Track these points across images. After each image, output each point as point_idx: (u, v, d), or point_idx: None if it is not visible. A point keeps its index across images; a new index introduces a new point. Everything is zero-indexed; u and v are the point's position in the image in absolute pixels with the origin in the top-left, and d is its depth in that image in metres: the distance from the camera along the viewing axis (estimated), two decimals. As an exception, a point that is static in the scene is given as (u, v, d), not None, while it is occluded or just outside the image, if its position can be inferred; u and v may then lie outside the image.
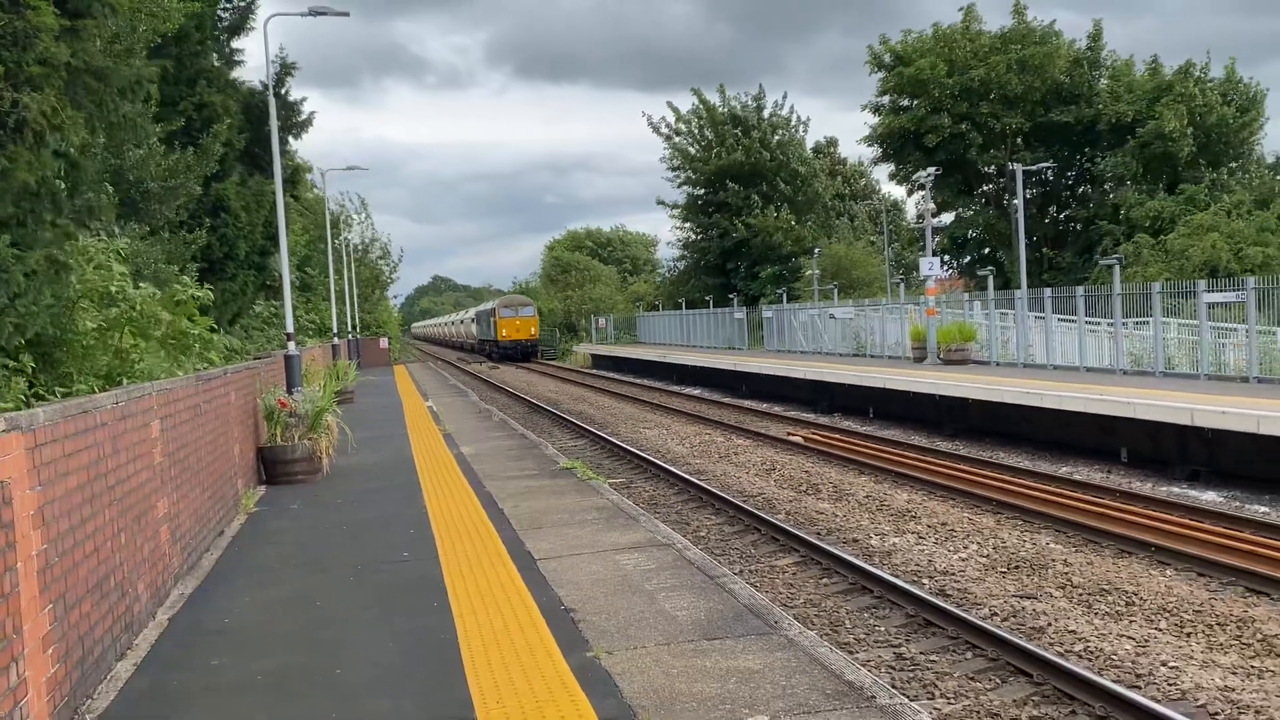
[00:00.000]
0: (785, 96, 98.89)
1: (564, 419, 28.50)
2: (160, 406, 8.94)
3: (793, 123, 65.81)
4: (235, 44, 25.79)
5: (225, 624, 8.06)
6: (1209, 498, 14.96)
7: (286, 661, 7.04)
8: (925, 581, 11.08)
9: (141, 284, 12.48)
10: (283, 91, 28.67)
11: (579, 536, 10.49)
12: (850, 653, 8.73)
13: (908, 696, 7.50)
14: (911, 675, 8.37)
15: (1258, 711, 7.39)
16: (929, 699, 7.86)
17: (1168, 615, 9.60)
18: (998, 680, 8.18)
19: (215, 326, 17.59)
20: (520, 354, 69.71)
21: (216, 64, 23.62)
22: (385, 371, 50.66)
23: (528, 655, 6.83)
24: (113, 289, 10.79)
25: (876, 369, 28.61)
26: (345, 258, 57.57)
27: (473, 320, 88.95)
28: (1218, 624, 9.28)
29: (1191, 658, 8.52)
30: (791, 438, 22.71)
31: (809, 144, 68.80)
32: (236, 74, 26.57)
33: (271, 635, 7.70)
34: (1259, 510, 13.99)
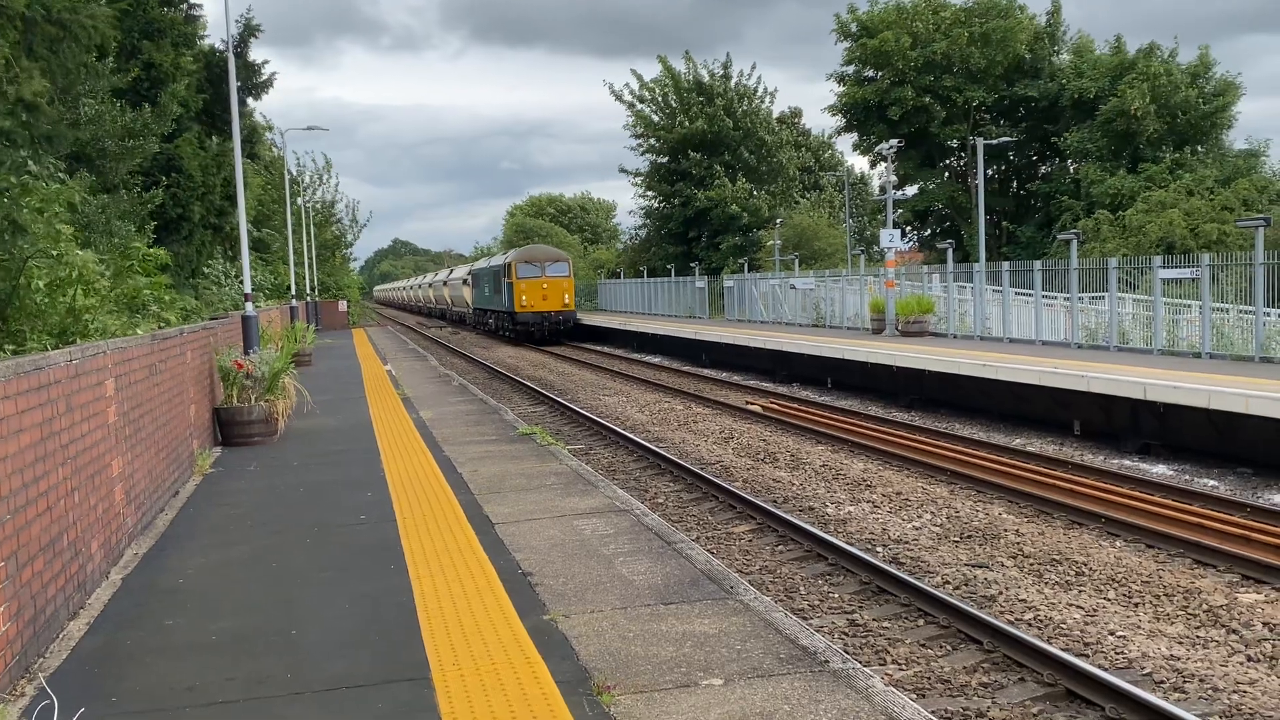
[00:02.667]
0: (754, 67, 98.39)
1: (524, 385, 28.46)
2: (115, 365, 8.85)
3: (759, 92, 65.73)
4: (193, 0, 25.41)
5: (180, 584, 8.02)
6: (1159, 471, 15.18)
7: (241, 622, 7.02)
8: (879, 549, 11.19)
9: (90, 244, 12.31)
10: (244, 52, 28.36)
11: (537, 501, 10.51)
12: (805, 618, 8.82)
13: (860, 662, 7.59)
14: (864, 641, 8.47)
15: (1202, 680, 7.54)
16: (881, 664, 7.96)
17: (1116, 585, 9.76)
18: (949, 647, 8.30)
19: (172, 286, 17.41)
20: (548, 332, 47.24)
21: (171, 17, 23.27)
22: (344, 335, 50.35)
23: (484, 618, 6.85)
24: (54, 252, 10.62)
25: (835, 339, 28.75)
26: (304, 219, 57.02)
27: (463, 282, 66.67)
28: (1165, 594, 9.45)
29: (1139, 627, 8.67)
30: (750, 406, 22.82)
31: (774, 114, 68.70)
32: (202, 34, 26.24)
33: (227, 596, 7.67)
34: (1208, 484, 14.23)
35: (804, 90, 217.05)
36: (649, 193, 69.48)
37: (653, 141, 66.49)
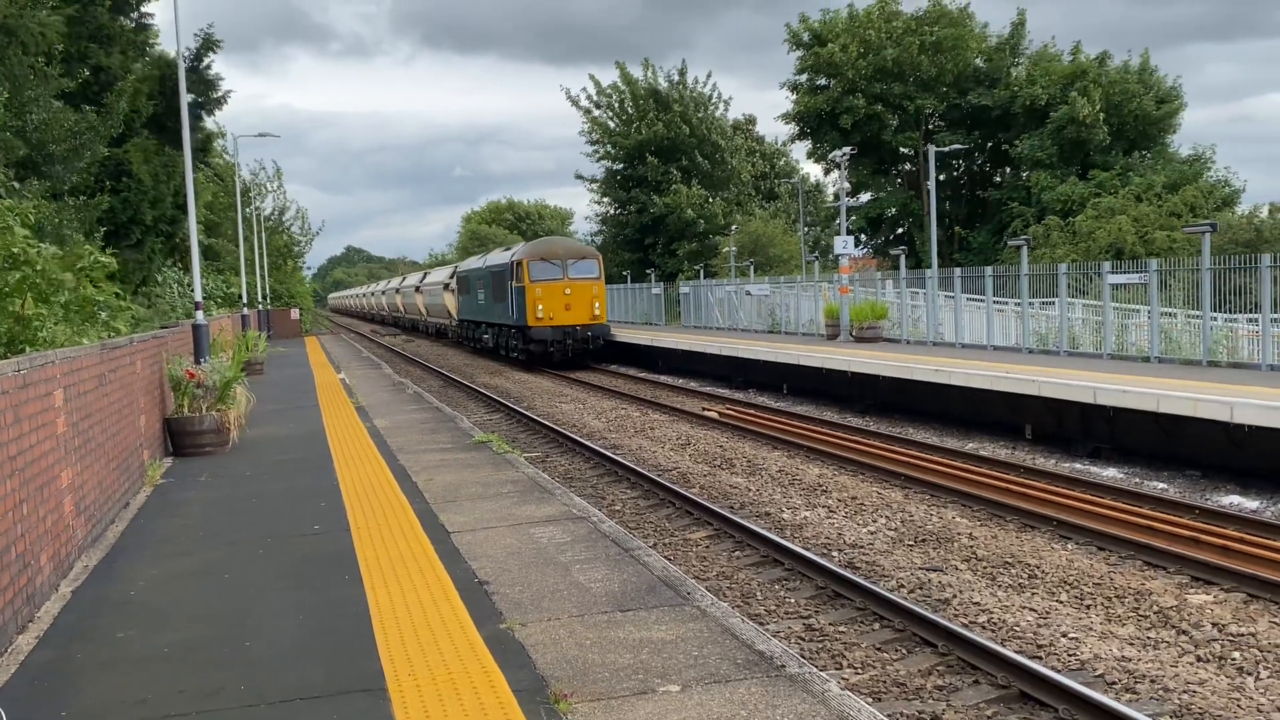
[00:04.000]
0: (709, 75, 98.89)
1: (479, 393, 28.36)
2: (64, 375, 8.72)
3: (713, 99, 66.02)
4: (145, 8, 25.17)
5: (131, 596, 7.92)
6: (1110, 474, 15.37)
7: (194, 634, 6.93)
8: (835, 554, 11.25)
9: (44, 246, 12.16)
10: (202, 65, 28.18)
11: (493, 510, 10.47)
12: (761, 624, 8.84)
13: (817, 666, 7.62)
14: (821, 646, 8.51)
15: (1153, 680, 7.64)
16: (837, 669, 8.00)
17: (1068, 588, 9.86)
18: (904, 651, 8.35)
19: (121, 294, 17.20)
20: (571, 353, 36.11)
21: (120, 23, 23.03)
22: (296, 343, 49.93)
23: (440, 627, 6.81)
24: (15, 250, 10.47)
25: (791, 345, 28.88)
26: (256, 226, 56.52)
27: (445, 287, 53.72)
28: (1116, 596, 9.56)
29: (1091, 629, 8.77)
30: (707, 413, 22.86)
31: (729, 121, 69.02)
32: (155, 43, 26.01)
33: (179, 607, 7.58)
34: (1157, 486, 14.42)
35: (754, 98, 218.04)
36: (605, 199, 69.57)
37: (609, 148, 66.57)
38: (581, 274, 36.52)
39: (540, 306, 35.53)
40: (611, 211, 69.52)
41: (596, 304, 36.25)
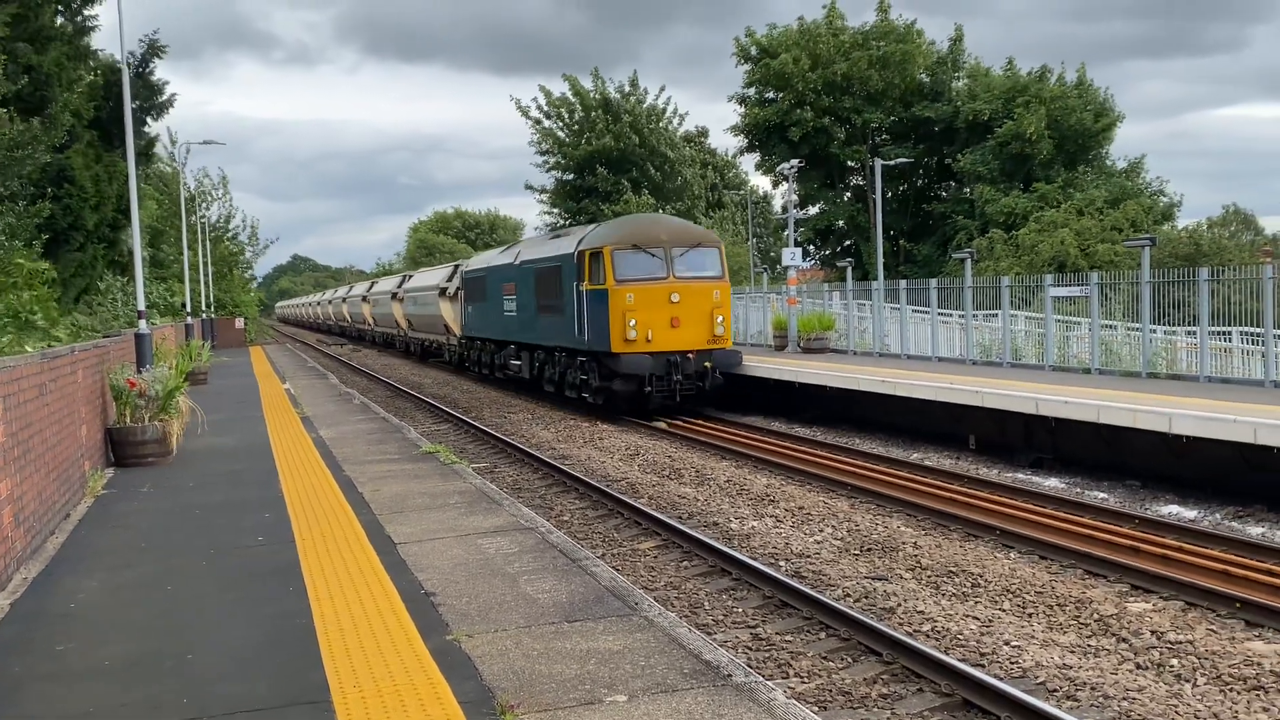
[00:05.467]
0: (662, 89, 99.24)
1: (428, 403, 28.21)
2: (3, 385, 8.59)
3: (667, 113, 66.22)
4: (88, 11, 24.87)
5: (71, 609, 7.80)
6: (1051, 484, 15.58)
7: (136, 647, 6.84)
8: (782, 564, 11.31)
9: None
10: (148, 71, 27.90)
11: (441, 520, 10.42)
12: (709, 633, 8.87)
13: (763, 675, 7.66)
14: (767, 655, 8.55)
15: (1093, 688, 7.75)
16: (784, 678, 8.04)
17: (1011, 596, 9.99)
18: (849, 659, 8.42)
19: (60, 302, 16.95)
20: (678, 394, 23.42)
21: (62, 27, 22.73)
22: (241, 353, 49.41)
23: (386, 639, 6.77)
24: None
25: (739, 356, 28.94)
26: (201, 234, 55.88)
27: (440, 292, 39.58)
28: (1058, 605, 9.69)
29: (1033, 637, 8.88)
30: (655, 423, 22.88)
31: (680, 133, 69.23)
32: (99, 47, 25.72)
33: (120, 620, 7.48)
34: (1098, 496, 14.64)
35: (701, 110, 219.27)
36: (555, 209, 69.46)
37: (559, 158, 66.49)
38: (696, 270, 23.90)
39: (633, 322, 22.97)
40: (562, 222, 69.42)
41: (720, 317, 23.75)
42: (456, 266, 40.39)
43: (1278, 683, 7.74)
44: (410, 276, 52.73)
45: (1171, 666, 8.14)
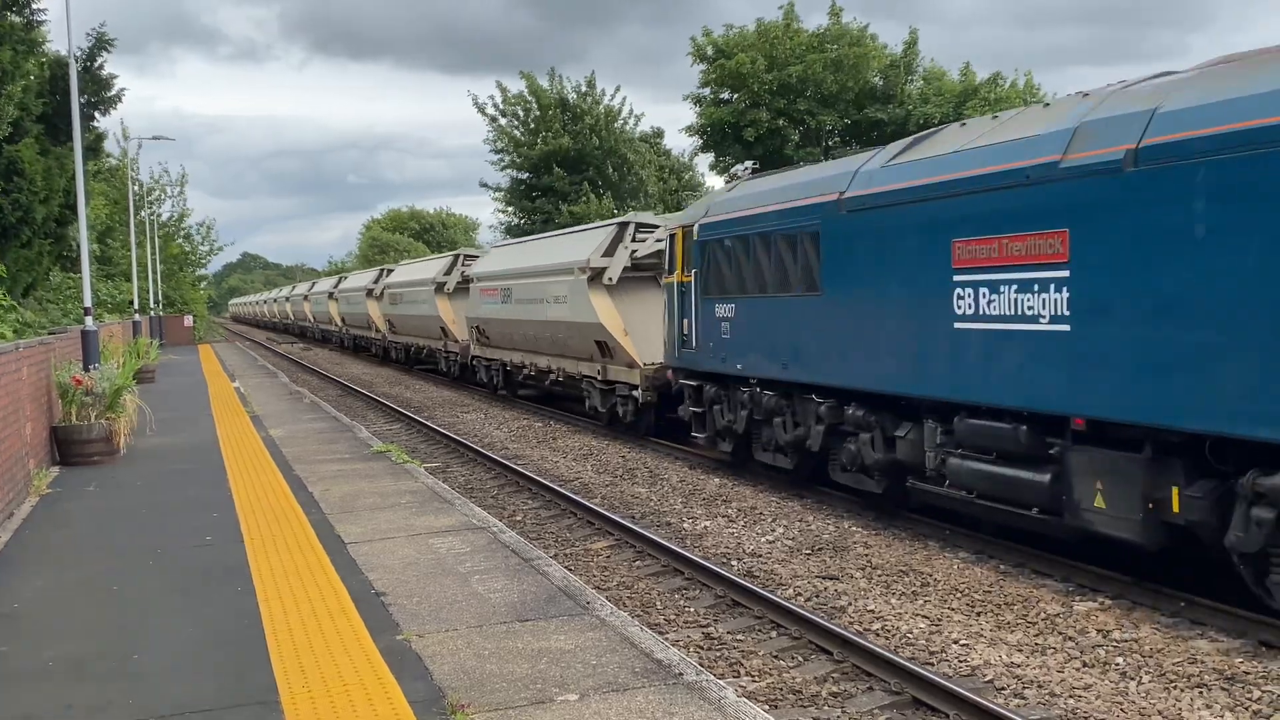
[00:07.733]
0: (618, 89, 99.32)
1: (379, 402, 28.02)
2: (-57, 381, 8.44)
3: (624, 114, 66.25)
4: (36, 4, 24.45)
5: (14, 609, 7.68)
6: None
7: (80, 648, 6.75)
8: (734, 563, 11.34)
9: None
10: (95, 65, 27.52)
11: (392, 520, 10.37)
12: (661, 633, 8.88)
13: (714, 674, 7.68)
14: (719, 654, 8.58)
15: (1040, 686, 7.84)
16: (735, 676, 8.07)
17: (960, 596, 10.07)
18: (800, 658, 8.46)
19: (6, 297, 16.69)
20: None
21: (12, 23, 22.37)
22: (189, 351, 48.90)
23: (335, 639, 6.73)
24: None
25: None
26: (150, 231, 55.20)
27: (438, 285, 33.67)
28: (1005, 604, 9.79)
29: (981, 636, 8.97)
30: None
31: (638, 134, 69.28)
32: (47, 41, 25.33)
33: (65, 620, 7.38)
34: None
35: (652, 110, 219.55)
36: (510, 208, 69.21)
37: (515, 157, 66.29)
38: None
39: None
40: (517, 221, 69.17)
41: None
42: (457, 257, 35.59)
43: (1219, 680, 7.86)
44: (391, 270, 46.48)
45: (1117, 665, 8.25)
